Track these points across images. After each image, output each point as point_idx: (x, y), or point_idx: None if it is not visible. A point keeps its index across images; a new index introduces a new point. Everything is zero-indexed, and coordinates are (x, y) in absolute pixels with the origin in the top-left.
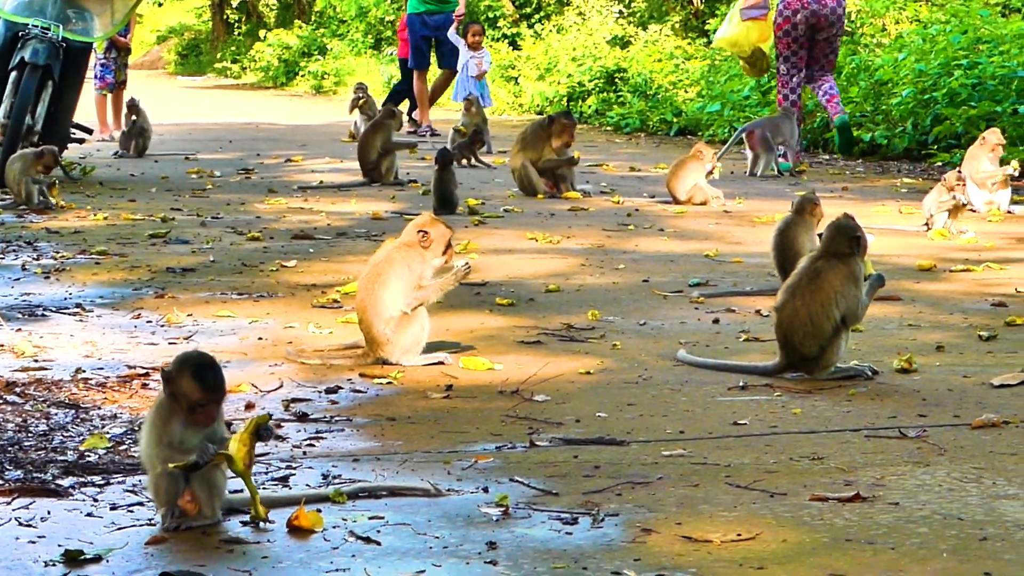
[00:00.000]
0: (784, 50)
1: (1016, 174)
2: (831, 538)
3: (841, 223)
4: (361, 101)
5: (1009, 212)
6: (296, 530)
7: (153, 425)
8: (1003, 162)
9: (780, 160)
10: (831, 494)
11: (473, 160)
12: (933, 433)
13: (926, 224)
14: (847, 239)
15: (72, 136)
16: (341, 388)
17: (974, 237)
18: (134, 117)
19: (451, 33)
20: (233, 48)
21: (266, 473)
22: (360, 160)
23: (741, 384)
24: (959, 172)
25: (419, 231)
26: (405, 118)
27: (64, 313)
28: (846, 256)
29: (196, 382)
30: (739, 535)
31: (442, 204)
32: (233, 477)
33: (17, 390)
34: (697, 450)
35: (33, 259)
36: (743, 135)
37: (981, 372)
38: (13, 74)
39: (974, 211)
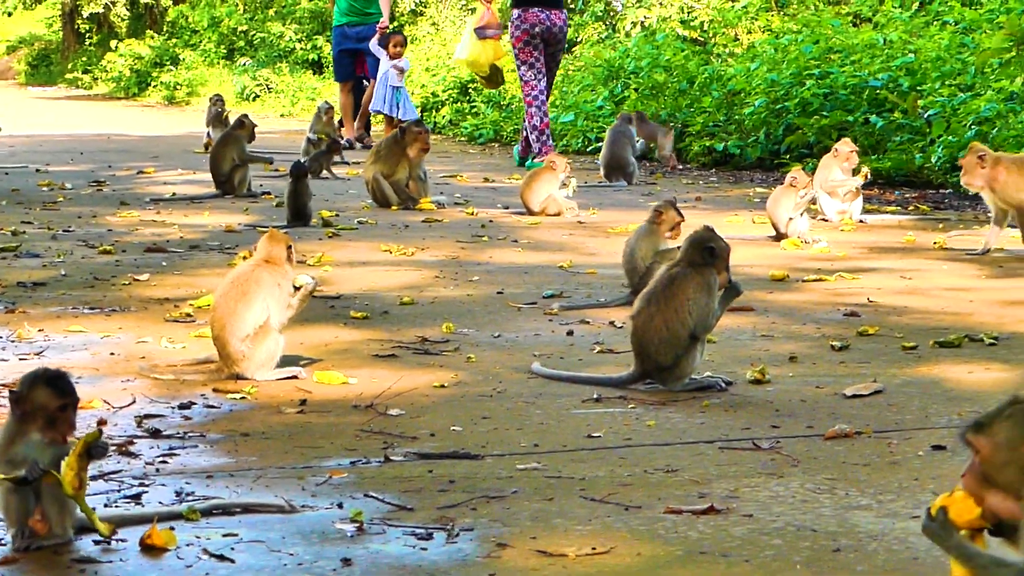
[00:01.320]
0: (528, 57)
1: (864, 182)
2: (685, 551)
3: (697, 235)
4: (225, 114)
5: (861, 222)
6: (149, 548)
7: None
8: (855, 171)
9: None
10: (685, 507)
11: (326, 171)
12: (786, 444)
13: (777, 233)
14: (701, 250)
15: None
16: (195, 404)
17: (827, 247)
18: None
19: (372, 44)
20: (84, 58)
21: (118, 491)
22: (212, 172)
23: (595, 396)
24: (802, 170)
25: (288, 246)
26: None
27: None
28: (701, 266)
29: (51, 390)
30: (594, 549)
31: (296, 216)
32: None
33: None
34: (552, 463)
35: None
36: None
37: (834, 382)
38: None
39: (826, 220)
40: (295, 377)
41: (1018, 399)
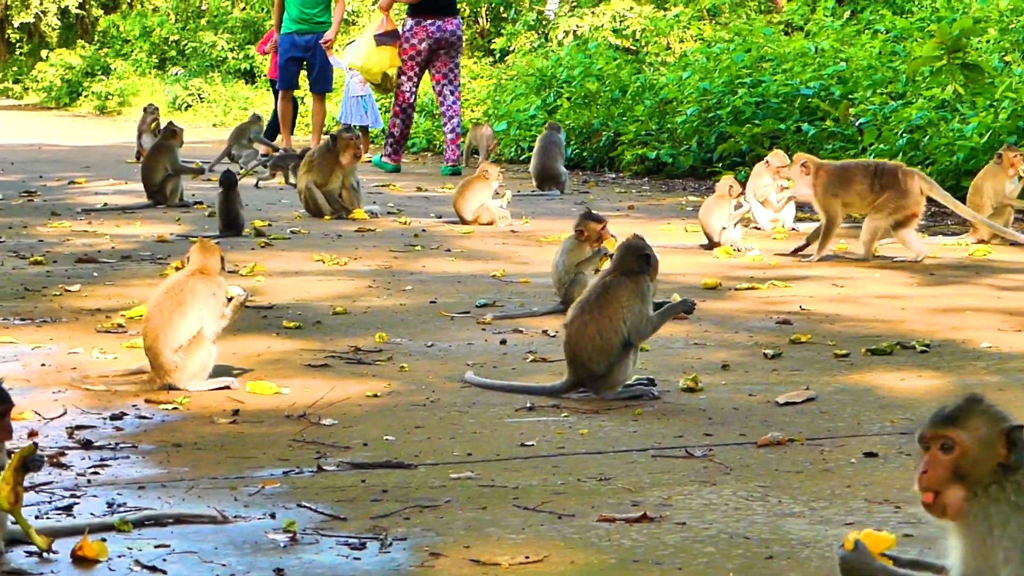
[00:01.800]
0: (408, 71)
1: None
2: (619, 559)
3: (631, 243)
4: (153, 124)
5: (793, 230)
6: (80, 560)
7: None
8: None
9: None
10: (618, 515)
11: (288, 179)
12: (719, 452)
13: (710, 242)
14: (636, 257)
15: None
16: (126, 414)
17: (759, 255)
18: None
19: (332, 59)
20: (15, 68)
21: (49, 502)
22: (144, 182)
23: (528, 405)
24: (734, 179)
25: (220, 257)
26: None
27: None
28: (636, 274)
29: None
30: (527, 557)
31: (228, 226)
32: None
33: None
34: (485, 472)
35: None
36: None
37: (766, 390)
38: None
39: (759, 229)
40: (227, 387)
41: (975, 397)
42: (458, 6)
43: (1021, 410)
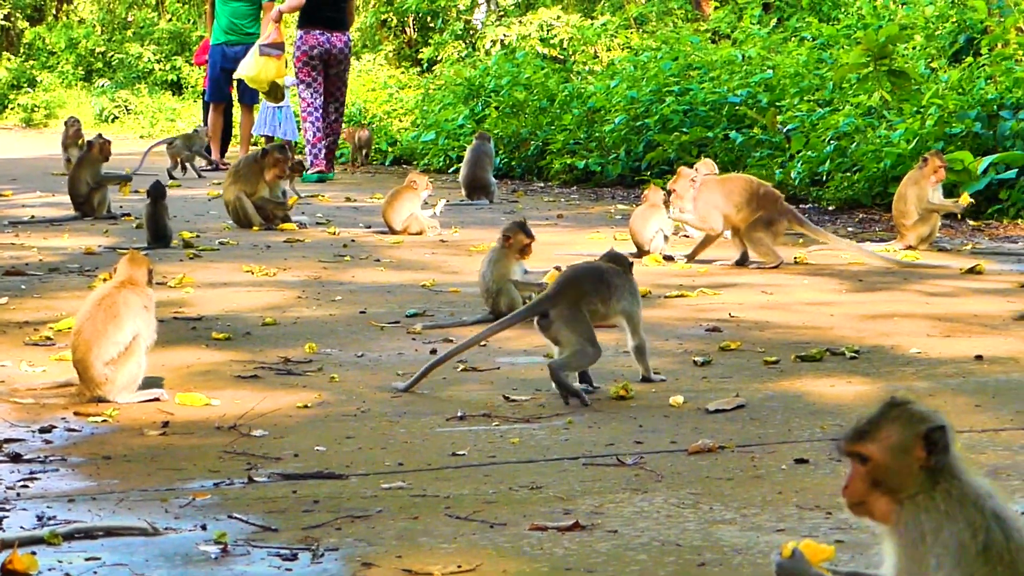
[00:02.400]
0: (306, 77)
1: None
2: (551, 567)
3: (615, 251)
4: (80, 140)
5: (724, 237)
6: (10, 574)
7: None
8: None
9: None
10: (550, 523)
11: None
12: (650, 460)
13: (639, 251)
14: (626, 264)
15: None
16: (55, 427)
17: (688, 263)
18: None
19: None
20: None
21: None
22: (71, 194)
23: (460, 415)
24: (664, 189)
25: (148, 269)
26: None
27: None
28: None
29: None
30: (459, 567)
31: (156, 238)
32: None
33: None
34: (416, 482)
35: None
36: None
37: (696, 398)
38: None
39: (688, 236)
40: (157, 399)
41: (895, 401)
42: (348, 23)
43: (951, 415)
